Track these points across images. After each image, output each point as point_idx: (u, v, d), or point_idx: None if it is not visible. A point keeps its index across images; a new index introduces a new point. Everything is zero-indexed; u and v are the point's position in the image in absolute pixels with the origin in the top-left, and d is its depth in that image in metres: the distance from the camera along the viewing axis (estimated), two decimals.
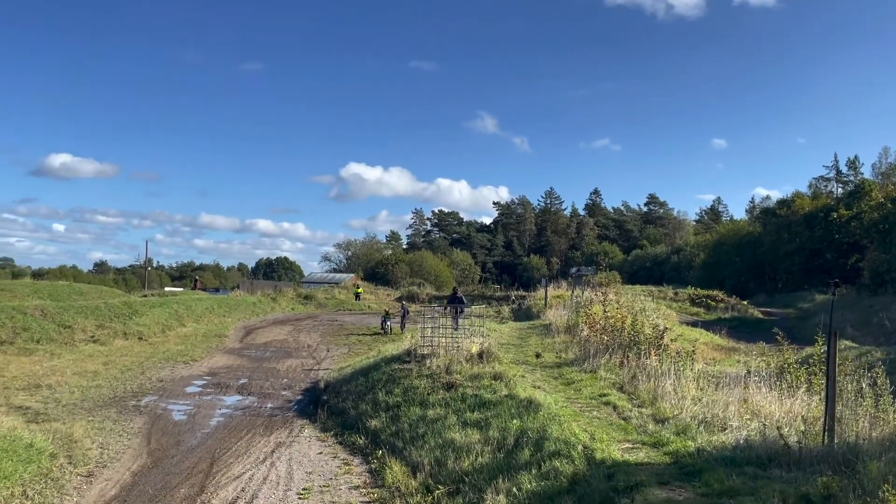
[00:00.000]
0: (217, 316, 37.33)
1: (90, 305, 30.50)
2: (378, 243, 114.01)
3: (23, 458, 10.38)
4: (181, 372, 21.45)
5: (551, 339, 21.68)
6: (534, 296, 41.31)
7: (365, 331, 34.63)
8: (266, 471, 11.73)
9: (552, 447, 9.69)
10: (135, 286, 78.65)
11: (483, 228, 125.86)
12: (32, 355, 22.27)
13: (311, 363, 24.63)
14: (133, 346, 26.59)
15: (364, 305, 51.50)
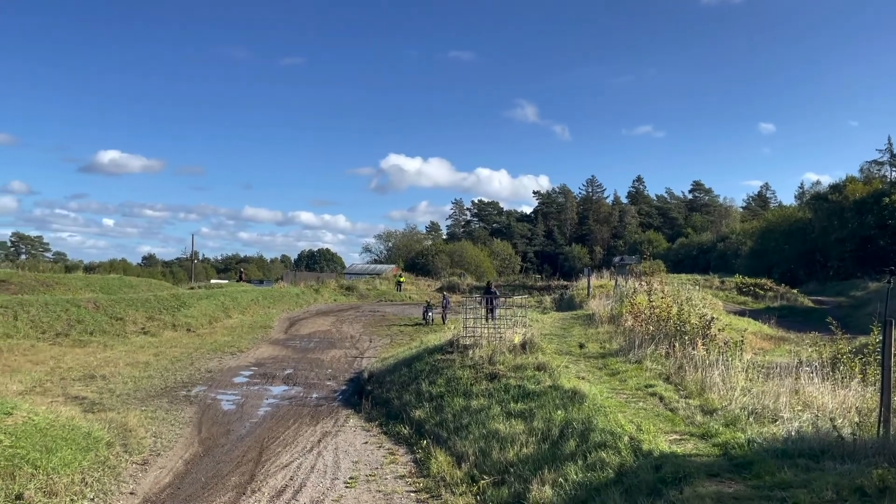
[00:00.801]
0: (262, 307, 37.98)
1: (140, 298, 31.33)
2: (418, 234, 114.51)
3: (81, 446, 10.73)
4: (229, 362, 21.90)
5: (595, 329, 21.48)
6: (576, 285, 40.96)
7: (406, 321, 34.84)
8: (313, 460, 11.91)
9: (598, 438, 9.63)
10: (182, 279, 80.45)
11: (523, 218, 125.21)
12: (87, 347, 22.99)
13: (354, 353, 24.90)
14: (182, 337, 27.24)
15: (405, 296, 51.80)
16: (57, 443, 10.36)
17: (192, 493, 10.04)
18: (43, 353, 20.89)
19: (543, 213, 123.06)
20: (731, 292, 48.49)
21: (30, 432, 10.33)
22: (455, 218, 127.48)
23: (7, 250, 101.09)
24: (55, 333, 23.71)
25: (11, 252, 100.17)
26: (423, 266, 76.90)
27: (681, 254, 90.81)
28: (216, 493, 10.00)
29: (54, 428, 10.95)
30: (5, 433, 9.90)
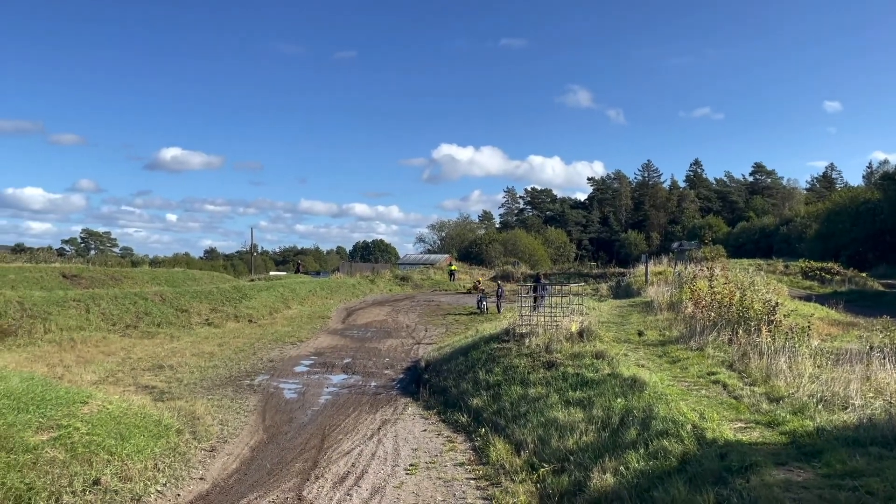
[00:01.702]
0: (319, 298, 38.65)
1: (203, 290, 32.27)
2: (471, 223, 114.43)
3: (153, 433, 11.16)
4: (289, 352, 22.38)
5: (653, 316, 21.14)
6: (633, 272, 40.33)
7: (461, 311, 34.94)
8: (374, 447, 12.10)
9: (659, 426, 9.49)
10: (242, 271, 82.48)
11: (578, 205, 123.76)
12: (154, 338, 23.83)
13: (410, 343, 25.13)
14: (244, 328, 27.96)
15: (459, 285, 51.93)
16: (130, 430, 10.79)
17: (259, 479, 10.33)
18: (114, 345, 21.75)
19: (598, 199, 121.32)
20: (795, 277, 46.93)
21: (104, 420, 10.79)
22: (508, 206, 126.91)
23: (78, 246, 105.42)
24: (125, 325, 24.64)
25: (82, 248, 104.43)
26: (477, 255, 76.88)
27: (742, 238, 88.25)
28: (281, 479, 10.27)
29: (127, 416, 11.40)
30: (82, 421, 10.37)
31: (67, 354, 19.42)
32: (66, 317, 23.23)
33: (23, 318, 21.81)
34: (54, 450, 9.24)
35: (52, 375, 14.71)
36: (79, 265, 40.49)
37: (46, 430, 9.69)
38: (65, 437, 9.65)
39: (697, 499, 7.18)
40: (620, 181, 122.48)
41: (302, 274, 57.46)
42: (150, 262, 66.42)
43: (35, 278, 30.63)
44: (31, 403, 10.38)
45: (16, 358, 17.18)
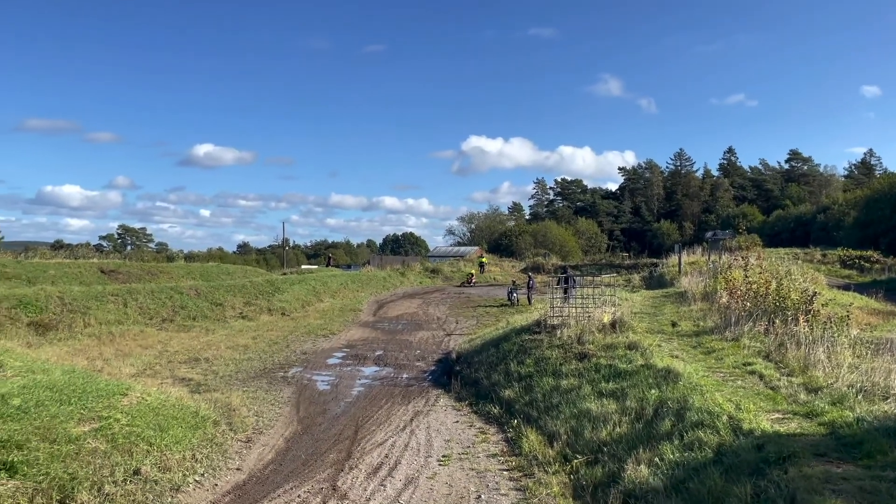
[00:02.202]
0: (351, 291, 38.90)
1: (237, 284, 32.70)
2: (501, 215, 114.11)
3: (190, 424, 11.36)
4: (322, 345, 22.59)
5: (687, 306, 20.87)
6: (665, 263, 39.85)
7: (492, 303, 34.90)
8: (407, 438, 12.17)
9: (694, 417, 9.38)
10: (275, 265, 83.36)
11: (609, 195, 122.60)
12: (190, 331, 24.23)
13: (441, 335, 25.19)
14: (277, 321, 28.29)
15: (489, 277, 51.83)
16: (168, 421, 11.00)
17: (294, 469, 10.46)
18: (151, 338, 22.17)
19: (630, 189, 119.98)
20: (833, 266, 45.98)
21: (143, 412, 11.01)
22: (538, 198, 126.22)
23: (115, 242, 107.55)
24: (161, 319, 25.10)
25: (119, 244, 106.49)
26: (507, 247, 76.68)
27: (777, 227, 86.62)
28: (316, 470, 10.39)
29: (165, 407, 11.62)
30: (122, 412, 10.59)
31: (106, 348, 19.85)
32: (105, 311, 23.73)
33: (63, 313, 22.34)
34: (96, 440, 9.46)
35: (92, 368, 15.05)
36: (116, 260, 41.30)
37: (88, 422, 9.93)
38: (106, 428, 9.87)
39: (734, 490, 7.09)
40: (652, 170, 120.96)
41: (333, 267, 57.86)
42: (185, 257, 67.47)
43: (74, 274, 31.34)
44: (72, 395, 10.63)
45: (57, 351, 17.61)
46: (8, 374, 11.08)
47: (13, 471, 8.05)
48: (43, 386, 10.75)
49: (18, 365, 11.85)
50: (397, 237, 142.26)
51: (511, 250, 73.42)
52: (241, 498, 9.26)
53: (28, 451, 8.54)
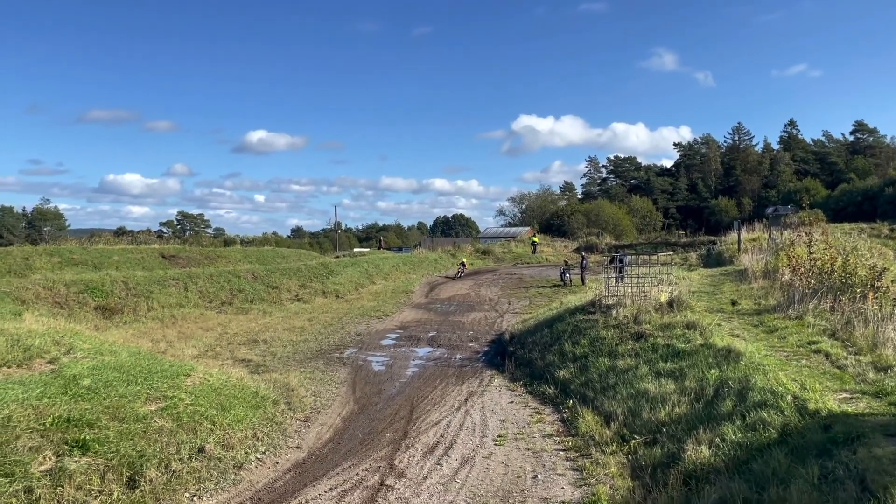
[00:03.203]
0: (402, 273, 39.18)
1: (292, 267, 33.29)
2: (552, 195, 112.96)
3: (251, 404, 11.65)
4: (375, 326, 22.84)
5: (747, 284, 20.30)
6: (724, 240, 38.80)
7: (544, 283, 34.66)
8: (461, 418, 12.22)
9: (757, 397, 9.12)
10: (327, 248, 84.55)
11: (664, 172, 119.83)
12: (248, 314, 24.81)
13: (493, 316, 25.16)
14: (331, 303, 28.72)
15: (541, 258, 51.46)
16: (230, 401, 11.29)
17: (352, 448, 10.63)
18: (211, 321, 22.78)
19: (686, 165, 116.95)
20: None
21: (206, 391, 11.33)
22: (590, 176, 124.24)
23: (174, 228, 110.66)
24: (220, 302, 25.76)
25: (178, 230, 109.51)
26: (559, 227, 75.80)
27: (842, 201, 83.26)
28: (373, 449, 10.53)
29: (227, 388, 11.93)
30: (186, 392, 10.92)
31: (169, 330, 20.49)
32: (167, 295, 24.47)
33: (128, 297, 23.13)
34: (162, 419, 9.78)
35: (156, 350, 15.56)
36: (176, 246, 42.45)
37: (154, 401, 10.27)
38: (171, 407, 10.19)
39: (800, 471, 6.88)
40: (709, 146, 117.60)
41: (384, 250, 58.36)
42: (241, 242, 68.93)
43: (137, 259, 32.37)
44: (139, 376, 11.00)
45: (123, 334, 18.25)
46: (78, 356, 11.53)
47: (85, 448, 8.39)
48: (111, 367, 11.16)
49: (87, 347, 12.32)
50: (447, 219, 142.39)
51: (563, 230, 72.54)
52: (301, 475, 9.46)
53: (99, 429, 8.88)
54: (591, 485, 8.91)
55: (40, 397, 9.21)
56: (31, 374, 10.26)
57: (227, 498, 8.60)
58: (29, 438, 8.21)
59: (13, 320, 13.77)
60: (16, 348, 11.10)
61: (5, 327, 12.35)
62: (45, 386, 9.67)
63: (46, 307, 19.58)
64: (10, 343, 11.28)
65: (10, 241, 64.62)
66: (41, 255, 28.87)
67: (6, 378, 9.92)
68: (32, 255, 28.52)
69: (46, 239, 58.10)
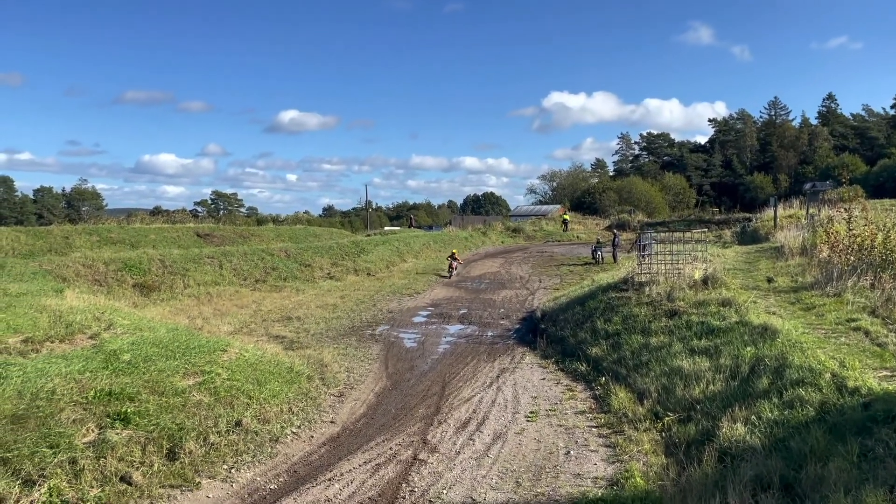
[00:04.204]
0: (433, 251, 39.22)
1: (324, 246, 33.55)
2: (584, 172, 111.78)
3: (286, 379, 11.83)
4: (407, 304, 22.95)
5: (784, 262, 19.92)
6: (759, 217, 38.11)
7: (575, 261, 34.45)
8: (493, 394, 12.26)
9: (794, 375, 8.99)
10: (358, 227, 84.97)
11: (697, 148, 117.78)
12: (281, 291, 25.10)
13: (524, 294, 25.11)
14: (363, 281, 28.92)
15: (573, 235, 51.10)
16: (266, 376, 11.49)
17: (385, 423, 10.75)
18: (245, 298, 23.11)
19: (720, 141, 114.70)
20: None
21: (242, 367, 11.53)
22: (622, 153, 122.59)
23: (208, 207, 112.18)
24: (254, 280, 26.10)
25: (212, 209, 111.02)
26: (590, 205, 75.10)
27: (882, 177, 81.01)
28: (406, 424, 10.63)
29: (262, 363, 12.13)
30: (222, 367, 11.13)
31: (205, 307, 20.84)
32: (202, 272, 24.87)
33: (164, 275, 23.56)
34: (200, 393, 10.00)
35: (193, 326, 15.84)
36: (210, 224, 43.07)
37: (192, 376, 10.48)
38: (208, 381, 10.40)
39: (839, 449, 6.78)
40: (745, 121, 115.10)
41: (415, 228, 58.45)
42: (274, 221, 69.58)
43: (172, 238, 32.89)
44: (177, 351, 11.24)
45: (160, 311, 18.62)
46: (118, 332, 11.80)
47: (126, 421, 8.62)
48: (149, 342, 11.41)
49: (127, 323, 12.60)
50: (478, 197, 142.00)
51: (594, 208, 71.86)
52: (336, 449, 9.60)
53: (139, 402, 9.11)
54: (624, 461, 8.91)
55: (82, 371, 9.46)
56: (73, 349, 10.54)
57: (264, 470, 8.77)
58: (72, 411, 8.46)
59: (55, 297, 14.13)
60: (58, 324, 11.40)
61: (48, 304, 12.68)
62: (87, 360, 9.93)
63: (86, 284, 20.03)
64: (53, 319, 11.59)
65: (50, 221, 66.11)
66: (80, 233, 29.51)
67: (49, 353, 10.21)
68: (72, 234, 29.16)
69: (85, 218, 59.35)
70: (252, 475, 8.60)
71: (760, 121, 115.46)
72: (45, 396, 8.53)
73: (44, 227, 33.66)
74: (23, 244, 26.90)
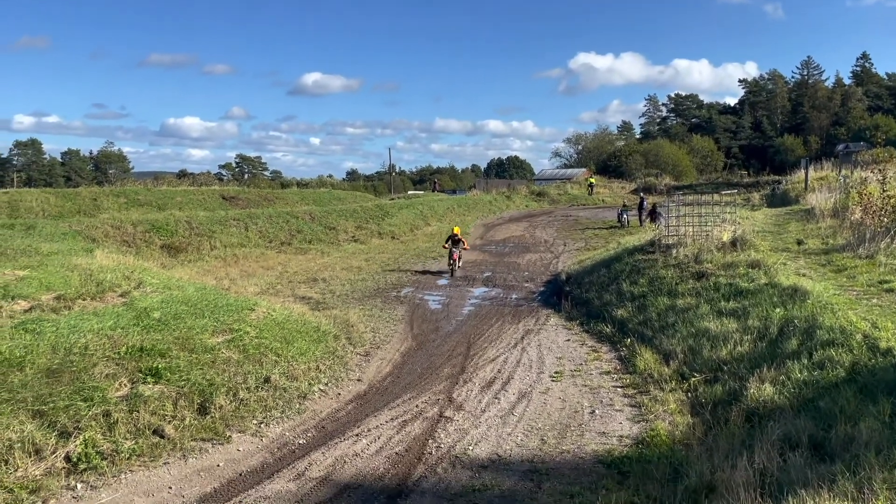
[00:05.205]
0: (457, 215, 39.16)
1: (348, 209, 33.65)
2: (610, 135, 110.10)
3: (313, 338, 11.96)
4: (431, 266, 22.99)
5: (814, 224, 19.59)
6: (790, 179, 37.43)
7: (601, 225, 34.22)
8: (518, 355, 12.30)
9: (825, 336, 8.88)
10: (382, 191, 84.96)
11: (727, 110, 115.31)
12: (307, 254, 25.29)
13: (549, 257, 25.02)
14: (387, 244, 29.01)
15: (598, 199, 50.66)
16: (293, 335, 11.61)
17: (411, 381, 10.85)
18: (271, 260, 23.33)
19: (750, 102, 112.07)
20: None
21: (270, 325, 11.67)
22: (649, 115, 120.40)
23: (233, 171, 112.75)
24: (280, 242, 26.30)
25: (237, 172, 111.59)
26: (616, 168, 74.19)
27: None
28: (432, 383, 10.72)
29: (289, 322, 12.26)
30: (251, 326, 11.27)
31: (231, 268, 21.08)
32: (228, 234, 25.10)
33: (191, 236, 23.83)
34: (229, 351, 10.15)
35: (220, 287, 16.02)
36: (235, 188, 43.44)
37: (221, 333, 10.64)
38: (237, 339, 10.55)
39: (870, 409, 6.71)
40: (776, 81, 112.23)
41: (439, 192, 58.31)
42: (298, 184, 69.96)
43: (198, 200, 33.19)
44: (206, 309, 11.39)
45: (188, 271, 18.86)
46: (147, 291, 11.98)
47: (158, 376, 8.79)
48: (179, 301, 11.57)
49: (156, 282, 12.78)
50: (502, 161, 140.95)
51: (620, 171, 70.96)
52: (363, 406, 9.73)
53: (170, 358, 9.28)
54: (650, 420, 8.91)
55: (114, 328, 9.64)
56: (104, 307, 10.73)
57: (293, 426, 8.92)
58: (105, 366, 8.65)
59: (85, 257, 14.34)
60: (89, 282, 11.59)
61: (79, 263, 12.88)
62: (118, 317, 10.11)
63: (115, 245, 20.33)
64: (84, 277, 11.78)
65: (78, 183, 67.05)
66: (108, 195, 29.91)
67: (81, 310, 10.40)
68: (100, 196, 29.56)
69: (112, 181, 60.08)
70: (281, 430, 8.75)
71: (792, 81, 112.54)
72: (78, 351, 8.72)
73: (72, 189, 34.14)
74: (52, 206, 27.35)
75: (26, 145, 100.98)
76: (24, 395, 7.61)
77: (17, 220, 21.52)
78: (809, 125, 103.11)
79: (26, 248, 14.97)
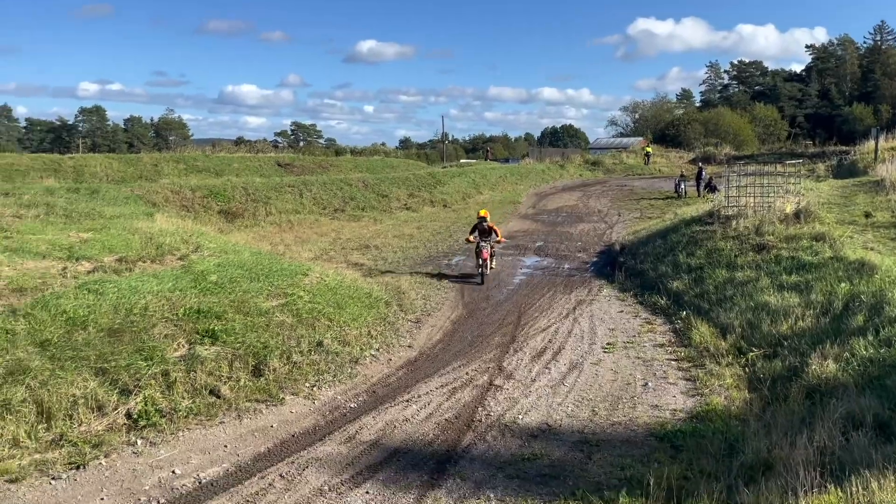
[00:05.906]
0: (510, 184, 38.85)
1: (401, 177, 33.70)
2: (668, 103, 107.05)
3: (365, 304, 12.07)
4: None
5: (884, 196, 18.72)
6: (858, 149, 35.79)
7: (657, 195, 33.46)
8: (570, 325, 12.18)
9: (893, 312, 8.50)
10: (434, 159, 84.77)
11: (792, 77, 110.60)
12: (359, 221, 25.49)
13: (602, 227, 24.62)
14: (439, 212, 29.00)
15: (654, 169, 49.50)
16: (345, 300, 11.74)
17: (461, 349, 10.86)
18: (325, 227, 23.60)
19: (818, 69, 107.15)
20: None
21: (322, 291, 11.81)
22: (710, 83, 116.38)
23: (288, 138, 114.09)
24: (333, 209, 26.56)
25: (292, 139, 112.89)
26: (674, 137, 72.19)
27: None
28: (482, 351, 10.71)
29: (342, 288, 12.39)
30: (304, 290, 11.42)
31: (286, 234, 21.41)
32: (283, 201, 25.46)
33: (247, 202, 24.26)
34: (283, 314, 10.31)
35: (274, 252, 16.30)
36: (290, 155, 43.91)
37: (275, 297, 10.82)
38: (291, 303, 10.71)
39: None
40: (846, 47, 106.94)
41: (491, 161, 57.87)
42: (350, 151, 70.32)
43: (254, 167, 33.72)
44: (260, 274, 11.59)
45: (244, 237, 19.23)
46: (205, 254, 12.26)
47: (214, 337, 9.00)
48: (234, 265, 11.81)
49: (213, 246, 13.06)
50: (556, 130, 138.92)
51: (678, 140, 68.98)
52: (413, 372, 9.79)
53: (226, 321, 9.48)
54: (705, 395, 8.72)
55: (173, 290, 9.90)
56: (163, 269, 11.02)
57: (345, 389, 9.05)
58: (164, 326, 8.89)
59: (146, 220, 14.75)
60: (149, 245, 11.92)
61: (139, 226, 13.25)
62: (177, 280, 10.37)
63: (174, 209, 20.86)
64: (145, 240, 12.12)
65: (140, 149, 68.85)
66: (168, 161, 30.65)
67: (142, 272, 10.71)
68: (160, 162, 30.32)
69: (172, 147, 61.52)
70: (333, 393, 8.89)
71: (864, 47, 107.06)
72: (138, 312, 8.98)
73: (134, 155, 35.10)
74: (115, 171, 28.17)
75: (91, 112, 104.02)
76: (87, 353, 7.89)
77: (81, 184, 22.23)
78: (880, 93, 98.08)
79: (90, 212, 15.46)
